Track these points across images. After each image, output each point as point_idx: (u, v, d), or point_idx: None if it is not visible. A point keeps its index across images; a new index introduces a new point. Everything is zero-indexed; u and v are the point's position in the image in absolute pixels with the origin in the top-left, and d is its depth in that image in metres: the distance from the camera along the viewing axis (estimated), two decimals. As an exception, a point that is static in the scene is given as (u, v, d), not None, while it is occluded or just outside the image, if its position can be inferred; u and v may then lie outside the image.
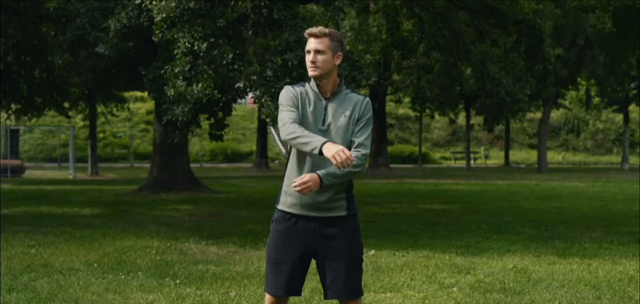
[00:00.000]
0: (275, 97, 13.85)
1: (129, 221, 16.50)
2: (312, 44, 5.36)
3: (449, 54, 25.35)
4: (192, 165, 47.42)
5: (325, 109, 5.36)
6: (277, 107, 5.48)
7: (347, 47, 25.57)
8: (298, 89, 5.43)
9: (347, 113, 5.34)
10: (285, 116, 5.28)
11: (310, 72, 5.37)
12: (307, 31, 5.46)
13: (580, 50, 42.29)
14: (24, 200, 21.66)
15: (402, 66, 36.91)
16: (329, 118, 5.34)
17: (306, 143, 5.06)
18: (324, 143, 4.98)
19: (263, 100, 14.97)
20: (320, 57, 5.36)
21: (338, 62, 5.40)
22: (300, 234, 5.41)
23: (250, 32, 16.71)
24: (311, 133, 5.14)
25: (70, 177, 37.55)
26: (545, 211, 19.76)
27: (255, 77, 15.47)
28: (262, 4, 14.73)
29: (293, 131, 5.14)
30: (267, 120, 14.91)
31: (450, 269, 10.60)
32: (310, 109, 5.35)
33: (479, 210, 19.78)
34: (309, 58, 5.36)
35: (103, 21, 17.10)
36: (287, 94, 5.40)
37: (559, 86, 45.82)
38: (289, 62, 14.11)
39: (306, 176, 5.13)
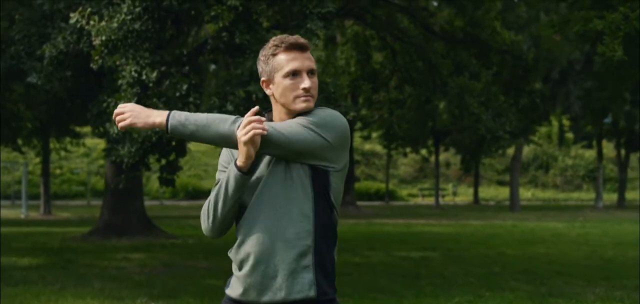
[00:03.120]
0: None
1: (71, 275, 14.54)
2: (299, 60, 3.54)
3: (425, 87, 23.65)
4: (152, 203, 46.14)
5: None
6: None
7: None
8: None
9: None
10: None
11: (301, 105, 3.55)
12: (288, 40, 3.57)
13: (554, 84, 40.98)
14: (-41, 247, 19.62)
15: (372, 100, 35.24)
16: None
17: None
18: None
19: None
20: (315, 81, 3.57)
21: None
22: None
23: (213, 66, 14.87)
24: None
25: (22, 216, 35.54)
26: (534, 259, 18.07)
27: (214, 111, 13.57)
28: (221, 25, 12.78)
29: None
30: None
31: (448, 344, 8.83)
32: (265, 160, 3.60)
33: (461, 258, 18.05)
34: (299, 83, 3.53)
35: (40, 48, 15.00)
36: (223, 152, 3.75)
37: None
38: (254, 95, 12.24)
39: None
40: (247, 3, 12.53)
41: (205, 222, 3.71)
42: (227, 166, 3.64)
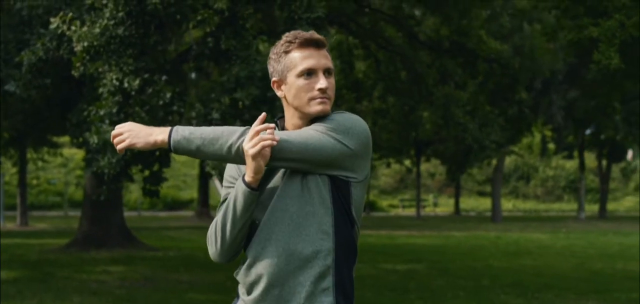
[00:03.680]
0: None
1: (50, 288, 14.11)
2: (315, 58, 3.16)
3: (409, 97, 23.31)
4: (130, 213, 45.61)
5: None
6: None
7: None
8: None
9: None
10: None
11: (317, 108, 3.15)
12: (302, 36, 3.19)
13: (537, 94, 40.77)
14: None
15: (355, 110, 34.87)
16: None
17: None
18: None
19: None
20: (332, 82, 3.19)
21: None
22: None
23: (193, 75, 14.45)
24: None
25: (-1, 227, 35.00)
26: (521, 271, 17.78)
27: (196, 121, 13.12)
28: (208, 30, 12.36)
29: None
30: (212, 172, 12.56)
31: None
32: (279, 171, 3.20)
33: (448, 271, 17.72)
34: (314, 83, 3.15)
35: (18, 55, 14.45)
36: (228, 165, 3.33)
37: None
38: (240, 103, 11.83)
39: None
40: (233, 7, 12.15)
41: (212, 247, 3.29)
42: (234, 181, 3.25)
